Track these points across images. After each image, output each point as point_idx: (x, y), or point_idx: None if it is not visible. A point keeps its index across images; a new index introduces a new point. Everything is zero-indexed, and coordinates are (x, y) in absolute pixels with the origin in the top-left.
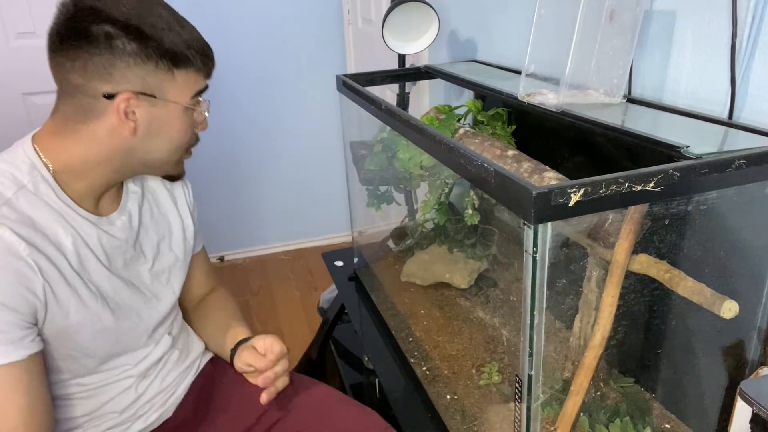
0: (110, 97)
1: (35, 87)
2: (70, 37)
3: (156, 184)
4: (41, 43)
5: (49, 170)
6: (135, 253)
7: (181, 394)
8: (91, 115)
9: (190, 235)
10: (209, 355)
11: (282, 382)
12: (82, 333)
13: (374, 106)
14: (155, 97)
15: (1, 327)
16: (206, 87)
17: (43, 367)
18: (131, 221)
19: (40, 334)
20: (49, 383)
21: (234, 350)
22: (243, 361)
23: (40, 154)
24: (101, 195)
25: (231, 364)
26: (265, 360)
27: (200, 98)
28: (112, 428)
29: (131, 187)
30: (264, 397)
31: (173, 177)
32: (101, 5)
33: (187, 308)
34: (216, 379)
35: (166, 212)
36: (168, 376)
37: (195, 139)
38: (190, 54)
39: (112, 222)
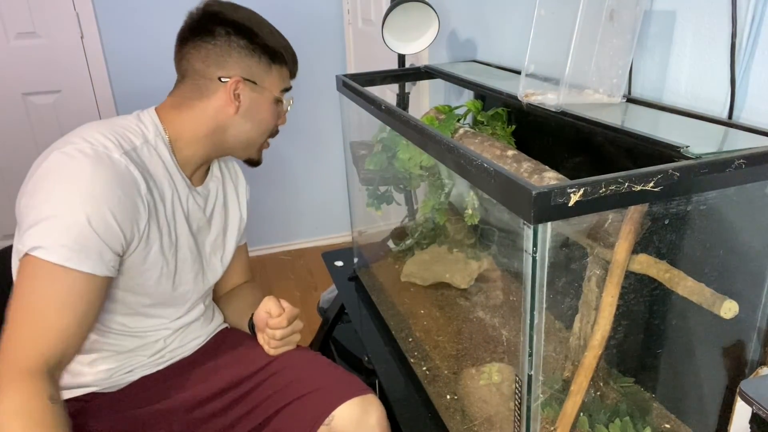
0: (222, 79)
1: (35, 87)
2: (199, 33)
3: (228, 179)
4: (41, 43)
5: (166, 134)
6: (206, 225)
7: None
8: (207, 93)
9: (242, 228)
10: (225, 326)
11: (295, 338)
12: (151, 272)
13: (374, 106)
14: (256, 83)
15: (100, 239)
16: (290, 87)
17: (105, 293)
18: (208, 198)
19: (120, 264)
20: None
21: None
22: (263, 308)
23: (162, 121)
24: (196, 169)
25: (250, 334)
26: (282, 309)
27: (286, 95)
28: (136, 368)
29: (215, 172)
30: (272, 351)
31: (253, 162)
32: (222, 11)
33: (218, 292)
34: (227, 338)
35: (231, 203)
36: (189, 336)
37: (275, 131)
38: (285, 54)
39: (198, 192)
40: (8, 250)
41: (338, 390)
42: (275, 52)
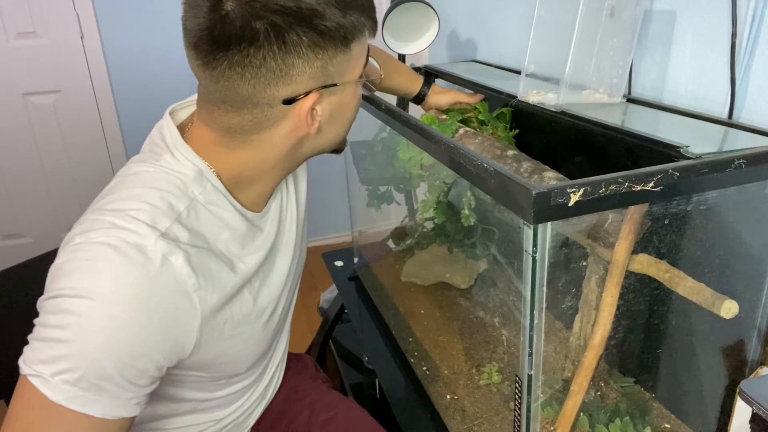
0: (290, 101)
1: (35, 87)
2: (229, 44)
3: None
4: (41, 42)
5: (219, 179)
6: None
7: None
8: (266, 124)
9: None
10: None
11: None
12: (236, 350)
13: (374, 106)
14: (336, 84)
15: (123, 378)
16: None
17: (130, 427)
18: (268, 223)
19: (166, 375)
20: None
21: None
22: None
23: (208, 163)
24: (261, 198)
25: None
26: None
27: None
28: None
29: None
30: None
31: (339, 151)
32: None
33: None
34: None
35: (290, 209)
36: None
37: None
38: (363, 17)
39: (258, 226)
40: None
41: None
42: (352, 25)
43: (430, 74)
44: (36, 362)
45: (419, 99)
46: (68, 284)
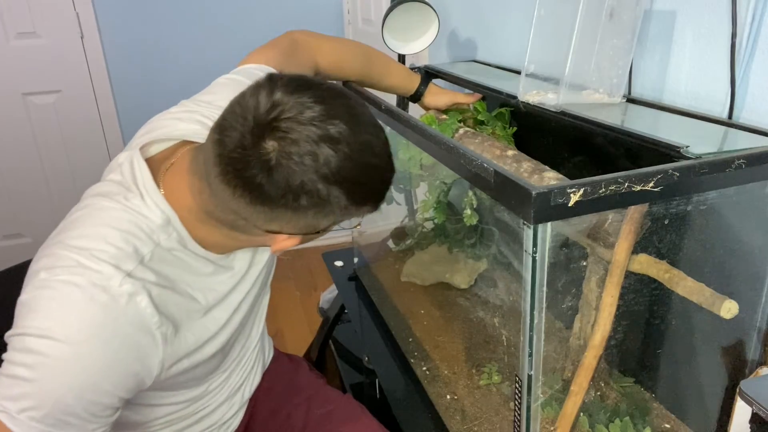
0: (273, 232)
1: (35, 87)
2: (253, 192)
3: None
4: (41, 42)
5: (185, 229)
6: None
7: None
8: (243, 231)
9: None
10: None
11: None
12: (196, 370)
13: (374, 106)
14: (318, 232)
15: (87, 413)
16: None
17: None
18: (234, 264)
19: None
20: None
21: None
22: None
23: (178, 216)
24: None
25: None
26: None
27: None
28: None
29: None
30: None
31: None
32: (306, 174)
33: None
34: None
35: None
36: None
37: None
38: (372, 208)
39: (222, 265)
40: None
41: None
42: (360, 212)
43: (430, 74)
44: (3, 398)
45: (416, 98)
46: (33, 323)
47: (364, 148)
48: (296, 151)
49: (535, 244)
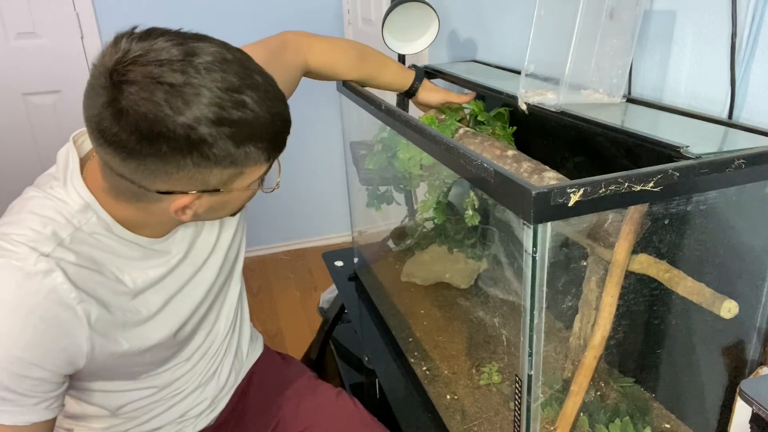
0: (164, 192)
1: (35, 87)
2: (116, 144)
3: None
4: (41, 43)
5: (108, 213)
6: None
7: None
8: (143, 199)
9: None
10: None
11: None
12: (145, 355)
13: (374, 106)
14: (219, 190)
15: (22, 388)
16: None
17: (51, 430)
18: (187, 240)
19: (71, 385)
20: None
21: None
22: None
23: (97, 200)
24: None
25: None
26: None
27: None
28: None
29: None
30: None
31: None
32: (153, 110)
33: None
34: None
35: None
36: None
37: None
38: (260, 149)
39: (168, 239)
40: None
41: None
42: (247, 155)
43: (429, 74)
44: None
45: (410, 94)
46: None
47: (227, 87)
48: (137, 92)
49: (535, 244)
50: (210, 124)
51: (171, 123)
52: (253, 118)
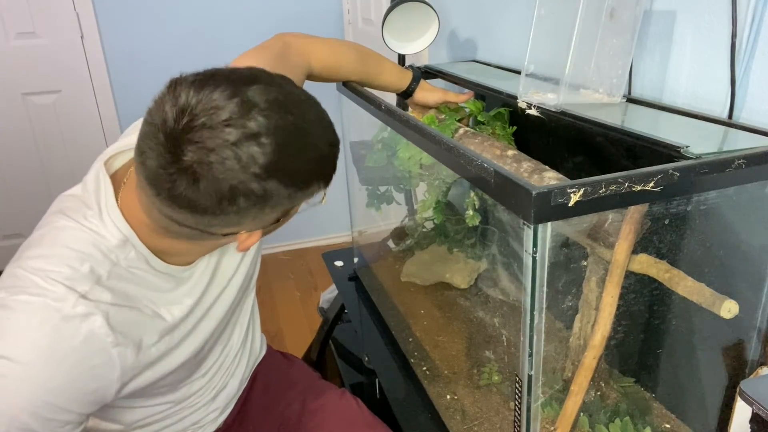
0: (229, 234)
1: (35, 87)
2: (189, 207)
3: None
4: (41, 42)
5: (145, 245)
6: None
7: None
8: (201, 239)
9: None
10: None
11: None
12: (165, 379)
13: (374, 106)
14: (278, 221)
15: (46, 429)
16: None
17: None
18: (213, 264)
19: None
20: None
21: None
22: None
23: (136, 232)
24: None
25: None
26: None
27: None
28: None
29: None
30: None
31: None
32: (231, 175)
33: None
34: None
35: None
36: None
37: None
38: (318, 186)
39: (184, 278)
40: None
41: None
42: (309, 193)
43: (430, 75)
44: None
45: (408, 94)
46: None
47: (290, 132)
48: (216, 159)
49: (535, 244)
50: (286, 180)
51: (251, 179)
52: (319, 158)
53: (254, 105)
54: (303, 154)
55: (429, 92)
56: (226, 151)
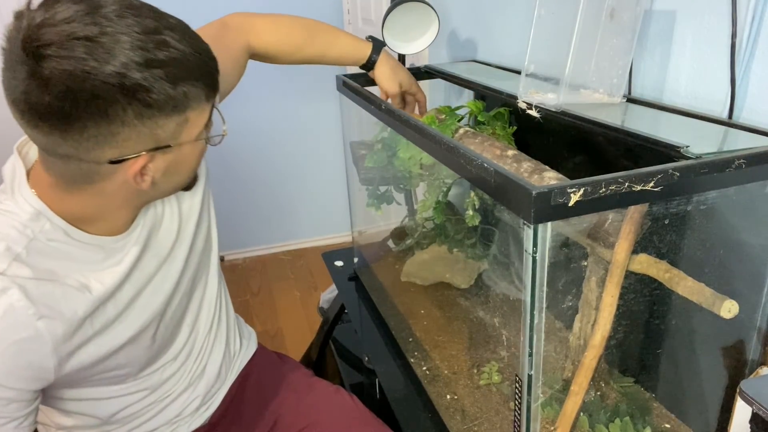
0: (116, 161)
1: None
2: (50, 115)
3: None
4: None
5: (61, 218)
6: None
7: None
8: (96, 178)
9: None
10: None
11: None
12: (119, 356)
13: (374, 106)
14: (170, 146)
15: None
16: (212, 110)
17: None
18: (146, 231)
19: (48, 395)
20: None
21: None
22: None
23: (48, 206)
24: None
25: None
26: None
27: (212, 120)
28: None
29: None
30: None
31: (190, 186)
32: (77, 65)
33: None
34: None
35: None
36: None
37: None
38: (197, 87)
39: (128, 236)
40: None
41: None
42: (186, 96)
43: (430, 75)
44: None
45: (369, 67)
46: None
47: (144, 29)
48: (56, 52)
49: (535, 244)
50: (140, 67)
51: (101, 74)
52: (180, 55)
53: (103, 6)
54: (162, 50)
55: (388, 79)
56: (74, 46)
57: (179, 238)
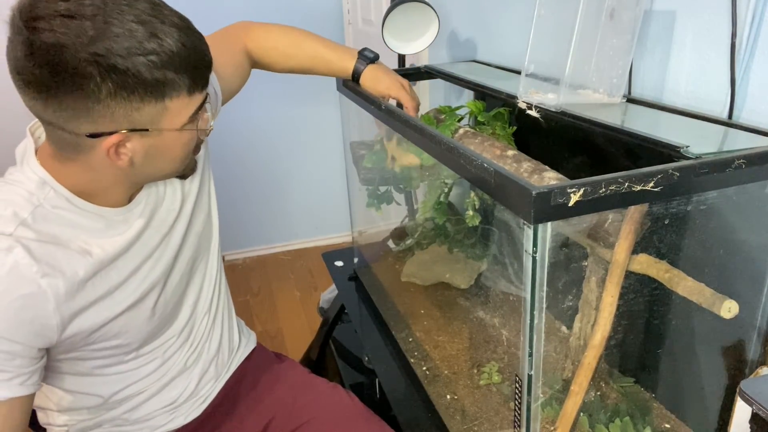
0: (93, 135)
1: None
2: (33, 82)
3: None
4: None
5: (63, 187)
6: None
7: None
8: (79, 149)
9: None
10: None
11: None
12: (118, 321)
13: (374, 106)
14: (147, 129)
15: None
16: (206, 97)
17: (28, 408)
18: (149, 208)
19: (53, 357)
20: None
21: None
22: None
23: (52, 175)
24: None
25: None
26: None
27: (200, 113)
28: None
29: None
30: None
31: (182, 176)
32: (61, 39)
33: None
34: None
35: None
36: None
37: (198, 146)
38: (179, 78)
39: (132, 209)
40: None
41: None
42: (163, 83)
43: (430, 75)
44: None
45: (356, 79)
46: None
47: (136, 16)
48: (46, 25)
49: (535, 244)
50: (121, 51)
51: (82, 53)
52: (167, 47)
53: None
54: (150, 41)
55: (370, 89)
56: (64, 21)
57: (180, 215)
